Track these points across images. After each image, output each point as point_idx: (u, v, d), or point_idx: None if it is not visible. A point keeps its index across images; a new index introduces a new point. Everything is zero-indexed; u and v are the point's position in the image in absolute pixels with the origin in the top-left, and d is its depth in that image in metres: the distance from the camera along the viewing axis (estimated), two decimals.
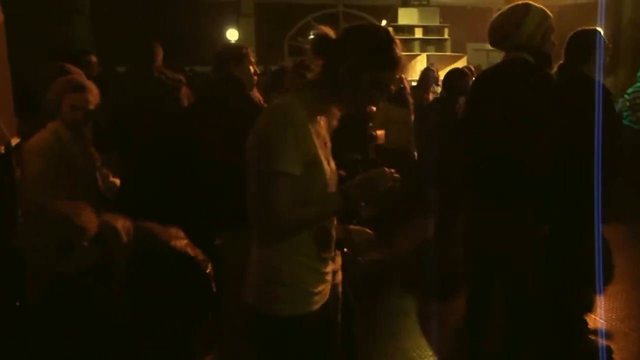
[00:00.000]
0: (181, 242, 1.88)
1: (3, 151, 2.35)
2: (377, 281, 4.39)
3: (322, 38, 1.54)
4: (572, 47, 2.94)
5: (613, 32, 8.94)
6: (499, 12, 2.57)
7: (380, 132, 4.87)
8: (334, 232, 1.69)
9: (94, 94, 2.66)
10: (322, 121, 1.65)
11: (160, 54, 3.08)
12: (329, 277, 1.69)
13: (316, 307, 1.62)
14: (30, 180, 2.50)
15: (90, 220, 1.73)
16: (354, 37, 1.51)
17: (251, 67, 2.87)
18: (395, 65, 1.51)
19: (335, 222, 1.71)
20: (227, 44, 3.00)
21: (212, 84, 2.86)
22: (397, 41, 1.53)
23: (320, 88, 1.57)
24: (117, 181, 2.86)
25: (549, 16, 2.49)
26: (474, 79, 3.61)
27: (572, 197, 2.66)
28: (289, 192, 1.47)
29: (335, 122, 1.79)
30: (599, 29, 2.93)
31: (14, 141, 2.75)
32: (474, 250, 2.78)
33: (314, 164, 1.52)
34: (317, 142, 1.56)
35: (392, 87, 5.86)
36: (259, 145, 1.50)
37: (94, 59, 3.43)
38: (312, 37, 1.55)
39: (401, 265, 4.81)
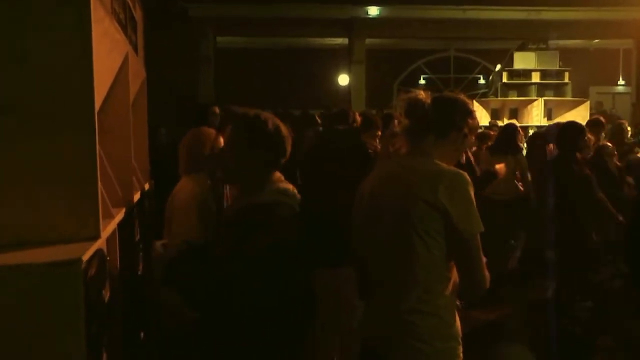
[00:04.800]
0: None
1: (139, 197, 2.53)
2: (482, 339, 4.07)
3: (419, 105, 1.74)
4: None
5: None
6: None
7: (499, 167, 4.56)
8: None
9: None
10: None
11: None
12: None
13: None
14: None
15: None
16: (456, 107, 1.76)
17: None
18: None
19: None
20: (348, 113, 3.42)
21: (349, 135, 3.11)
22: None
23: (435, 148, 1.74)
24: None
25: None
26: None
27: None
28: None
29: None
30: None
31: (147, 187, 2.95)
32: None
33: None
34: None
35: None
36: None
37: (217, 110, 3.77)
38: (406, 101, 1.76)
39: (515, 325, 4.45)
